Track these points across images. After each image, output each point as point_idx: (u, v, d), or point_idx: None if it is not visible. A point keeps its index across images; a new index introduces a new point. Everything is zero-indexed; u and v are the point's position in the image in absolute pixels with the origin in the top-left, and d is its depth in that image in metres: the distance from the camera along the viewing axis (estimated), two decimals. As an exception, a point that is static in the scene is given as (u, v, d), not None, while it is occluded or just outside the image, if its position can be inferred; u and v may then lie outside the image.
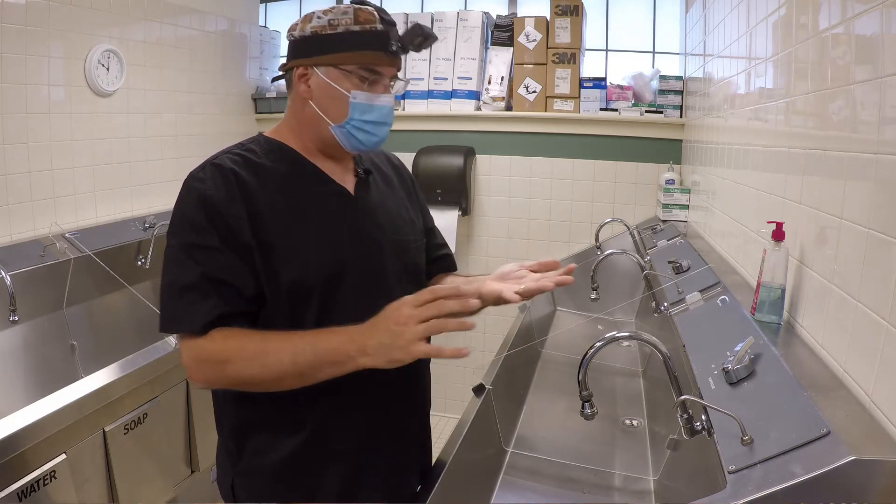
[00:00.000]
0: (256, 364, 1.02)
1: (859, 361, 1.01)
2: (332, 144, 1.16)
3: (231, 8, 3.36)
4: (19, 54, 2.23)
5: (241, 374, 1.03)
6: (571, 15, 3.12)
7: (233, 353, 1.02)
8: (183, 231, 1.07)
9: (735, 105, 2.02)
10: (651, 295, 2.15)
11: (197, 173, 1.10)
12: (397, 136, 3.36)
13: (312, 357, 1.01)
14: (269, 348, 1.02)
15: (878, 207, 0.97)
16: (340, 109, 1.12)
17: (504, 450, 1.72)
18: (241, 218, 1.06)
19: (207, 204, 1.05)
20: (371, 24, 1.10)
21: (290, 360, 1.01)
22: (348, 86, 1.11)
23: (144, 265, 2.68)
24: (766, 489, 0.84)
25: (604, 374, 2.17)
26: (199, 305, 1.03)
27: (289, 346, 1.02)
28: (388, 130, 1.17)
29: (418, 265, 1.28)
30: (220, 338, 1.03)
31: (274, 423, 1.14)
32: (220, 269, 1.04)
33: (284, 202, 1.11)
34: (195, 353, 1.04)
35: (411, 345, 0.96)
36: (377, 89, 1.13)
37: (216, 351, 1.03)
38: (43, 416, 1.56)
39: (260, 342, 1.03)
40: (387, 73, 1.14)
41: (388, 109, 1.15)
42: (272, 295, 1.08)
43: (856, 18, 1.08)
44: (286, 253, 1.08)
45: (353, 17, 1.09)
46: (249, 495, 1.16)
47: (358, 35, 1.09)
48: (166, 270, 1.07)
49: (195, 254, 1.05)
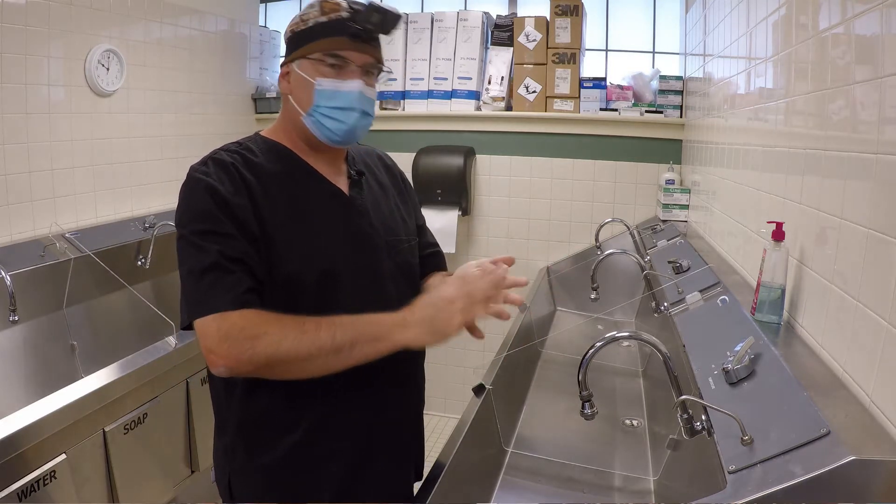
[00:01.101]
0: (292, 336, 0.99)
1: (859, 361, 1.01)
2: (311, 137, 1.17)
3: (231, 8, 3.36)
4: (19, 54, 2.23)
5: (275, 349, 0.99)
6: (571, 15, 3.12)
7: (270, 326, 1.00)
8: (194, 220, 1.06)
9: (735, 105, 2.02)
10: (651, 295, 2.15)
11: (199, 167, 1.10)
12: (397, 136, 3.38)
13: (351, 330, 1.01)
14: (307, 321, 1.01)
15: (878, 207, 0.97)
16: (308, 98, 1.13)
17: (504, 450, 1.72)
18: (246, 209, 1.07)
19: (216, 194, 1.06)
20: (336, 12, 1.12)
21: (328, 333, 1.00)
22: (315, 74, 1.13)
23: (144, 265, 2.68)
24: (766, 489, 0.84)
25: (604, 374, 2.17)
26: (224, 281, 1.02)
27: (326, 320, 1.02)
28: (356, 117, 1.14)
29: (411, 264, 1.29)
30: (253, 314, 1.02)
31: (271, 421, 1.14)
32: (238, 251, 1.04)
33: (281, 201, 1.12)
34: (224, 331, 0.99)
35: (454, 318, 1.02)
36: (345, 76, 1.13)
37: (249, 325, 1.00)
38: (43, 416, 1.56)
39: (295, 317, 1.02)
40: (355, 58, 1.13)
41: (356, 95, 1.13)
42: (269, 286, 1.08)
43: (856, 18, 1.08)
44: (284, 247, 1.09)
45: (320, 8, 1.12)
46: (247, 494, 1.16)
47: (324, 24, 1.12)
48: (183, 261, 1.06)
49: (209, 238, 1.04)
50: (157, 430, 2.01)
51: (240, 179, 1.08)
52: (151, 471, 2.02)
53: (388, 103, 3.41)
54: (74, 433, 1.69)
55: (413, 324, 1.04)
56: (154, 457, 2.02)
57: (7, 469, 1.48)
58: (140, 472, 1.95)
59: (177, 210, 1.10)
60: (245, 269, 1.04)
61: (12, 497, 1.49)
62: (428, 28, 3.34)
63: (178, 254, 1.07)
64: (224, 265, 1.03)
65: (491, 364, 1.87)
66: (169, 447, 2.10)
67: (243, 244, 1.05)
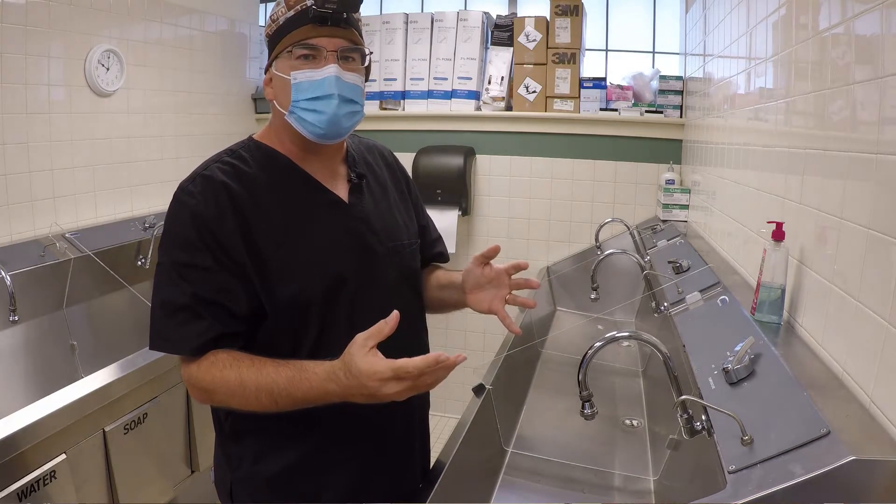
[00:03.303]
0: (236, 399, 1.02)
1: (859, 361, 1.01)
2: (301, 138, 1.12)
3: (231, 8, 3.36)
4: (19, 54, 2.23)
5: (226, 404, 1.05)
6: (571, 15, 3.12)
7: (217, 384, 1.02)
8: (175, 249, 1.05)
9: (735, 105, 2.02)
10: (651, 295, 2.15)
11: (187, 186, 1.08)
12: (397, 136, 3.38)
13: (290, 401, 1.00)
14: (247, 384, 1.00)
15: (878, 207, 0.97)
16: (287, 95, 1.10)
17: (504, 450, 1.72)
18: (233, 234, 1.04)
19: (199, 221, 1.04)
20: (301, 3, 1.07)
21: (268, 400, 1.00)
22: (288, 69, 1.09)
23: (144, 265, 2.68)
24: (766, 489, 0.84)
25: (604, 374, 2.17)
26: (192, 327, 1.02)
27: (266, 383, 0.99)
28: (335, 104, 1.08)
29: (413, 269, 1.27)
30: (206, 365, 1.03)
31: (274, 430, 1.12)
32: (214, 290, 1.03)
33: (277, 214, 1.09)
34: (188, 377, 1.05)
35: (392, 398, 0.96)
36: (319, 64, 1.08)
37: (202, 379, 1.03)
38: (43, 416, 1.56)
39: (238, 377, 1.00)
40: (325, 44, 1.07)
41: (331, 80, 1.07)
42: (271, 310, 1.07)
43: (856, 18, 1.08)
44: (282, 268, 1.07)
45: (285, 4, 1.09)
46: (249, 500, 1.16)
47: (290, 18, 1.08)
48: (158, 289, 1.06)
49: (187, 273, 1.03)
50: (157, 430, 2.01)
51: (228, 198, 1.06)
52: (151, 471, 2.02)
53: (388, 103, 3.41)
54: (74, 433, 1.69)
55: (347, 396, 0.98)
56: (154, 457, 2.02)
57: (7, 469, 1.48)
58: (140, 472, 1.95)
59: (162, 230, 1.09)
60: (218, 313, 1.03)
61: (12, 497, 1.49)
62: (428, 28, 3.33)
63: (155, 278, 1.07)
64: (196, 309, 1.03)
65: (491, 364, 1.87)
66: (169, 447, 2.10)
67: (223, 278, 1.04)
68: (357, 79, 1.12)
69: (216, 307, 1.04)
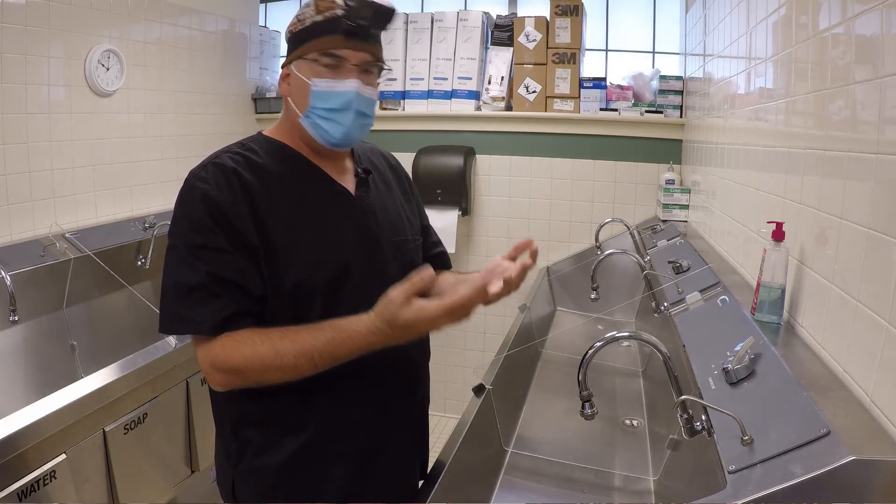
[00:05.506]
0: (271, 372, 1.01)
1: (859, 361, 1.01)
2: (311, 139, 1.15)
3: (231, 8, 3.36)
4: (19, 54, 2.23)
5: (260, 381, 1.04)
6: (571, 15, 3.12)
7: (249, 361, 1.01)
8: (187, 232, 1.05)
9: (735, 105, 2.02)
10: (651, 295, 2.15)
11: (199, 172, 1.09)
12: (397, 136, 3.39)
13: (330, 360, 1.01)
14: (284, 354, 1.00)
15: (878, 207, 0.97)
16: (305, 100, 1.11)
17: (504, 450, 1.72)
18: (245, 218, 1.05)
19: (212, 204, 1.04)
20: (331, 10, 1.08)
21: (308, 364, 1.01)
22: (310, 75, 1.10)
23: (144, 265, 2.68)
24: (766, 489, 0.84)
25: (604, 374, 2.17)
26: (208, 305, 1.02)
27: (306, 349, 1.00)
28: (352, 118, 1.11)
29: (416, 265, 1.27)
30: (233, 345, 1.02)
31: (275, 422, 1.13)
32: (230, 270, 1.04)
33: (286, 203, 1.10)
34: (210, 360, 1.03)
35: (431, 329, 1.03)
36: (341, 75, 1.10)
37: (230, 359, 1.02)
38: (43, 416, 1.56)
39: (272, 349, 1.01)
40: (350, 57, 1.10)
41: (352, 95, 1.10)
42: (276, 295, 1.08)
43: (856, 18, 1.08)
44: (290, 254, 1.08)
45: (315, 7, 1.10)
46: (251, 496, 1.16)
47: (319, 23, 1.09)
48: (170, 271, 1.05)
49: (202, 254, 1.03)
50: (157, 430, 2.01)
51: (240, 185, 1.07)
52: (151, 471, 2.02)
53: (388, 103, 3.41)
54: (74, 433, 1.69)
55: (391, 339, 1.00)
56: (154, 457, 2.02)
57: (7, 469, 1.48)
58: (140, 472, 1.95)
59: (172, 216, 1.08)
60: (234, 292, 1.03)
61: (12, 497, 1.49)
62: (428, 28, 3.34)
63: (167, 262, 1.06)
64: (211, 288, 1.02)
65: (491, 364, 1.87)
66: (169, 447, 2.10)
67: (237, 259, 1.04)
68: (373, 92, 1.15)
69: (232, 286, 1.04)
